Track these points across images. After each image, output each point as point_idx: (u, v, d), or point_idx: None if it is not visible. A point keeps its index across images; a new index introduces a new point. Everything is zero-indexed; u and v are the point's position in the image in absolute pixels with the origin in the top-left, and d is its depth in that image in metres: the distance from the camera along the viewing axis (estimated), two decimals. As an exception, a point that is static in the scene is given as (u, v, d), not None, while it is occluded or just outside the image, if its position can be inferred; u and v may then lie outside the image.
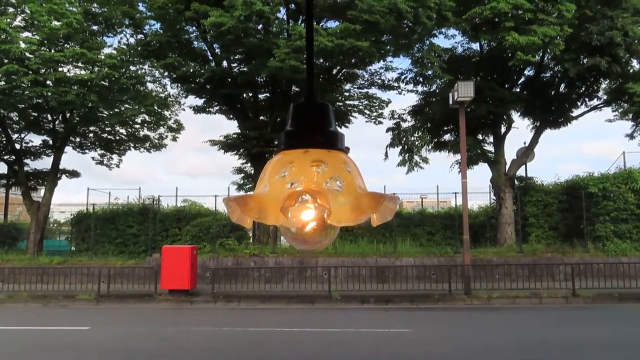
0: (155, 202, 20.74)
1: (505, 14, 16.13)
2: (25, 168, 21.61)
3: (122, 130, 22.65)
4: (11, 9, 18.93)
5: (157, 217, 19.92)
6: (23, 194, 20.88)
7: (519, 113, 20.44)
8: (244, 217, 0.99)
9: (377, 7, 15.73)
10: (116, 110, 20.78)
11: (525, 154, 20.18)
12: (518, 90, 20.07)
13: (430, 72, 19.06)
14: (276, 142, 1.11)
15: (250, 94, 20.80)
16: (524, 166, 20.78)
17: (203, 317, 12.64)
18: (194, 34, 19.36)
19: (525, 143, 20.52)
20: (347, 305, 13.96)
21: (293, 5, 18.53)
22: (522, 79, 20.34)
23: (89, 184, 63.23)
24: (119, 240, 20.06)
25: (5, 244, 21.44)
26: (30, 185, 21.70)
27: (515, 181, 20.17)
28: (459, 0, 16.84)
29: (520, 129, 55.65)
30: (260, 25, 17.34)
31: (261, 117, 20.70)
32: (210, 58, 19.64)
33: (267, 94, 20.94)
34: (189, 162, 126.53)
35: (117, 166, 23.73)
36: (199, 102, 21.67)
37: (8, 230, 23.25)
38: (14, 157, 21.27)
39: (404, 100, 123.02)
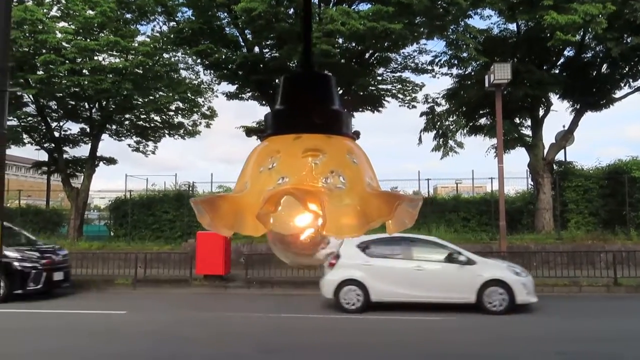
0: (190, 188, 20.99)
1: (544, -8, 15.58)
2: (65, 155, 22.15)
3: (157, 118, 22.94)
4: (47, 0, 19.29)
5: (192, 203, 20.15)
6: (63, 181, 21.41)
7: (558, 95, 19.78)
8: (217, 224, 0.78)
9: (410, -12, 15.38)
10: (150, 97, 21.05)
11: (565, 137, 19.61)
12: (557, 71, 19.43)
13: (465, 55, 18.61)
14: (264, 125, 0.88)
15: (282, 80, 20.74)
16: (563, 150, 20.26)
17: (237, 302, 12.79)
18: (226, 20, 19.36)
19: (564, 126, 19.96)
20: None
21: (324, -11, 18.29)
22: (562, 60, 19.66)
23: (126, 170, 64.71)
24: (155, 225, 20.41)
25: (48, 229, 22.07)
26: (69, 172, 22.23)
27: (554, 166, 19.60)
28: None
29: (559, 112, 54.10)
30: (291, 10, 17.20)
31: (293, 103, 20.63)
32: (242, 44, 19.63)
33: (299, 80, 20.83)
34: (224, 149, 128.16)
35: (153, 153, 24.10)
36: (232, 88, 21.74)
37: (50, 216, 23.92)
38: (53, 145, 21.81)
39: (438, 84, 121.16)
